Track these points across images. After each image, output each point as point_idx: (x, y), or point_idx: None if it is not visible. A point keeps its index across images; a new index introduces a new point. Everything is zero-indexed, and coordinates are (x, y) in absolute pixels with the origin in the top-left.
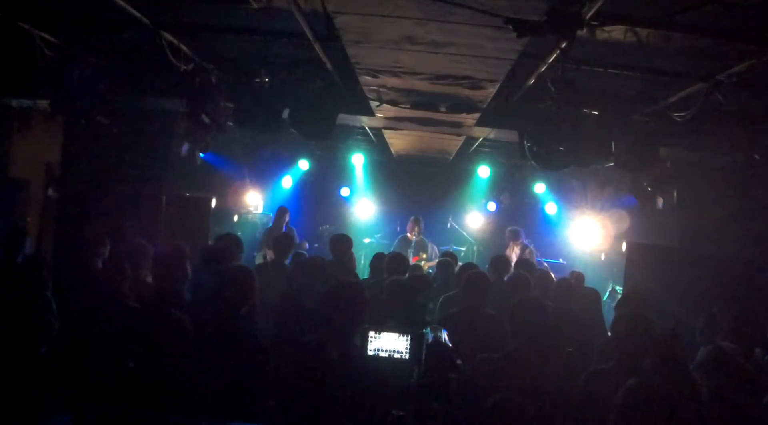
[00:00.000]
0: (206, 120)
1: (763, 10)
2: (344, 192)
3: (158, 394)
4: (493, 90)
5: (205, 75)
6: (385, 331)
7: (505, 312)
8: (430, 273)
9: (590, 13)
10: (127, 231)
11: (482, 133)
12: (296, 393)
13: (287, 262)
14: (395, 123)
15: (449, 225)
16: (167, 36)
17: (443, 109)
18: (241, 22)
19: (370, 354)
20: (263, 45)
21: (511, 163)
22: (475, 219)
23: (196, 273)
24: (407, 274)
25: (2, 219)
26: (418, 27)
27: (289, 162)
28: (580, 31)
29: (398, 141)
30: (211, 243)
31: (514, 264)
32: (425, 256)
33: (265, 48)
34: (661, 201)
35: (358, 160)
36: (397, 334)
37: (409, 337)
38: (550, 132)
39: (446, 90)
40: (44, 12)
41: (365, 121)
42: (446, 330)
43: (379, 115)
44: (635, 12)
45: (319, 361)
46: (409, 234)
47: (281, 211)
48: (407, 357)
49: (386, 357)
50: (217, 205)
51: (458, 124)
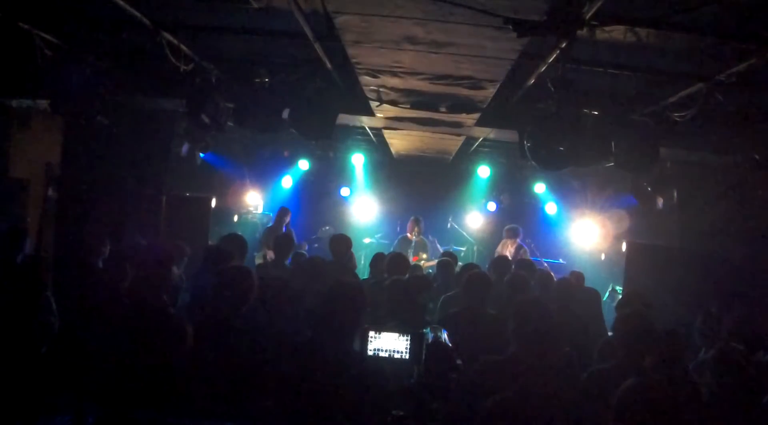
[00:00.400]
0: (206, 120)
1: (763, 10)
2: (344, 192)
3: (158, 394)
4: (493, 90)
5: (205, 75)
6: (385, 331)
7: (506, 312)
8: (430, 273)
9: (590, 13)
10: (127, 231)
11: (482, 133)
12: (296, 393)
13: (287, 262)
14: (395, 123)
15: (449, 225)
16: (167, 36)
17: (443, 109)
18: (241, 22)
19: (370, 354)
20: (263, 45)
21: (511, 163)
22: (475, 219)
23: (196, 273)
24: (407, 274)
25: (2, 219)
26: (418, 27)
27: (289, 162)
28: (580, 31)
29: (398, 141)
30: (212, 243)
31: (514, 264)
32: (425, 256)
33: (265, 48)
34: (661, 201)
35: (358, 160)
36: (397, 334)
37: (409, 337)
38: (550, 132)
39: (446, 90)
40: (44, 12)
41: (365, 121)
42: (446, 330)
43: (379, 115)
44: (635, 12)
45: (318, 361)
46: (409, 234)
47: (282, 212)
48: (407, 357)
49: (386, 357)
50: (217, 205)
51: (458, 124)
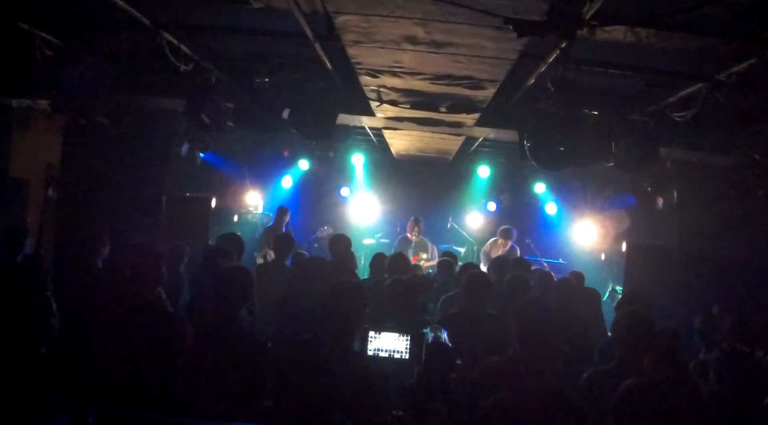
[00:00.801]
0: (206, 120)
1: (763, 10)
2: (344, 192)
3: (158, 394)
4: (493, 90)
5: (205, 75)
6: (385, 331)
7: (506, 312)
8: (430, 273)
9: (590, 13)
10: (127, 231)
11: (482, 133)
12: (296, 393)
13: (287, 262)
14: (395, 123)
15: (449, 225)
16: (167, 36)
17: (443, 109)
18: (241, 22)
19: (370, 354)
20: (263, 45)
21: (511, 163)
22: (475, 219)
23: (196, 273)
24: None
25: (2, 219)
26: (418, 27)
27: (289, 162)
28: (580, 31)
29: (398, 141)
30: (211, 242)
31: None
32: (425, 256)
33: (265, 48)
34: (661, 201)
35: (358, 160)
36: (397, 334)
37: (409, 337)
38: (550, 132)
39: (446, 90)
40: (44, 12)
41: (365, 121)
42: (446, 330)
43: (379, 115)
44: (635, 12)
45: (318, 361)
46: (409, 234)
47: (281, 211)
48: (407, 357)
49: (386, 357)
50: (217, 205)
51: (458, 124)
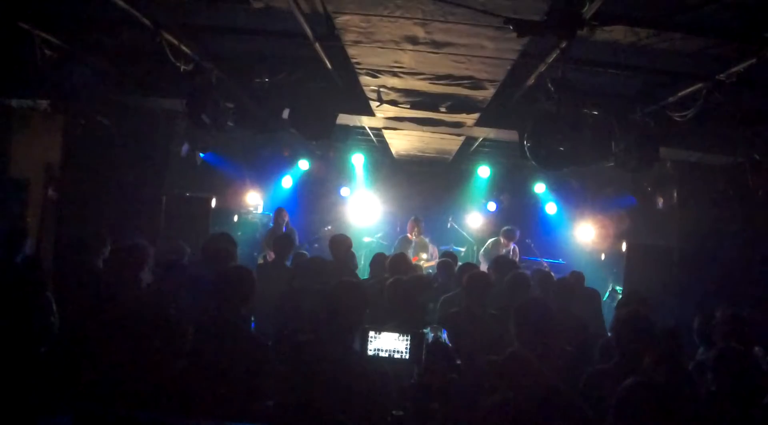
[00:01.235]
0: (206, 120)
1: (763, 10)
2: (344, 192)
3: (158, 394)
4: (493, 90)
5: (205, 75)
6: (385, 331)
7: (506, 312)
8: (429, 273)
9: (590, 13)
10: (127, 231)
11: (482, 133)
12: (296, 393)
13: (287, 262)
14: (395, 123)
15: (449, 225)
16: (167, 36)
17: (443, 109)
18: (241, 22)
19: (370, 354)
20: (263, 45)
21: (511, 163)
22: (475, 219)
23: (195, 273)
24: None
25: (2, 219)
26: (418, 27)
27: (289, 162)
28: (580, 31)
29: (398, 141)
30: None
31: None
32: (425, 256)
33: (265, 48)
34: (661, 201)
35: (358, 160)
36: (397, 334)
37: (409, 337)
38: (550, 132)
39: (446, 90)
40: (44, 12)
41: (365, 121)
42: (446, 330)
43: (379, 115)
44: (635, 12)
45: (318, 361)
46: (409, 234)
47: (278, 212)
48: (407, 357)
49: (386, 357)
50: (217, 205)
51: (458, 124)
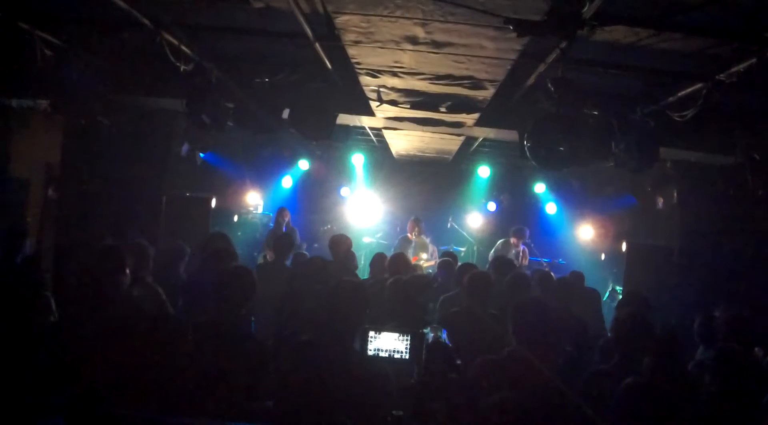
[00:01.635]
0: (206, 120)
1: (762, 10)
2: (344, 192)
3: (158, 394)
4: (493, 90)
5: (205, 75)
6: (385, 331)
7: (506, 312)
8: (430, 273)
9: (590, 13)
10: (127, 231)
11: (482, 133)
12: (296, 393)
13: (287, 262)
14: (395, 123)
15: (449, 225)
16: (167, 36)
17: (443, 109)
18: (241, 22)
19: (370, 354)
20: (263, 45)
21: (511, 163)
22: (475, 219)
23: (195, 273)
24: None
25: (2, 219)
26: (418, 27)
27: (289, 162)
28: (580, 31)
29: (398, 141)
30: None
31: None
32: (425, 256)
33: (265, 48)
34: (661, 201)
35: (358, 160)
36: (397, 334)
37: (409, 337)
38: (550, 132)
39: (446, 90)
40: (44, 12)
41: (365, 121)
42: (446, 330)
43: (379, 115)
44: (635, 12)
45: (318, 361)
46: (409, 234)
47: (280, 212)
48: (407, 357)
49: (386, 357)
50: (217, 205)
51: (458, 124)
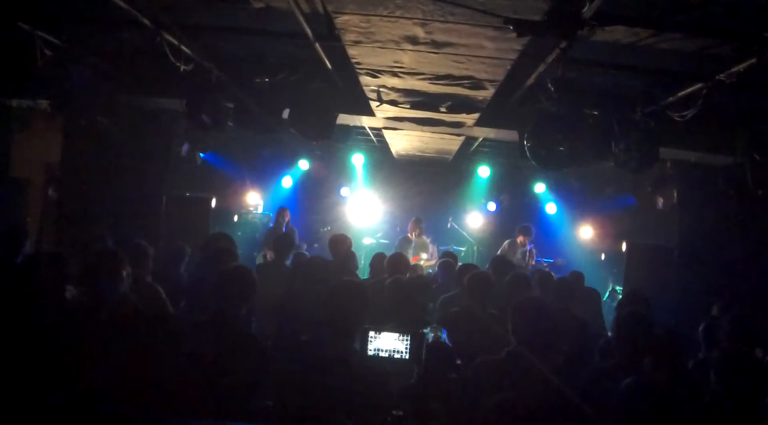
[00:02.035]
0: (206, 120)
1: (762, 10)
2: (344, 192)
3: (158, 394)
4: (493, 90)
5: (205, 75)
6: (385, 331)
7: (506, 312)
8: (429, 273)
9: (590, 13)
10: (127, 231)
11: (482, 133)
12: (296, 393)
13: (287, 262)
14: (395, 123)
15: (449, 225)
16: (167, 36)
17: (443, 109)
18: (241, 22)
19: (370, 354)
20: (263, 45)
21: (511, 163)
22: (475, 219)
23: (195, 273)
24: (408, 274)
25: (2, 219)
26: (418, 27)
27: (289, 162)
28: (580, 31)
29: (398, 141)
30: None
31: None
32: (425, 256)
33: (265, 48)
34: (661, 201)
35: (358, 160)
36: (397, 334)
37: (409, 337)
38: (550, 132)
39: (446, 90)
40: (44, 12)
41: (365, 121)
42: (446, 330)
43: (379, 115)
44: (635, 12)
45: (318, 361)
46: (409, 234)
47: (280, 211)
48: (407, 357)
49: (386, 357)
50: (217, 205)
51: (458, 124)
